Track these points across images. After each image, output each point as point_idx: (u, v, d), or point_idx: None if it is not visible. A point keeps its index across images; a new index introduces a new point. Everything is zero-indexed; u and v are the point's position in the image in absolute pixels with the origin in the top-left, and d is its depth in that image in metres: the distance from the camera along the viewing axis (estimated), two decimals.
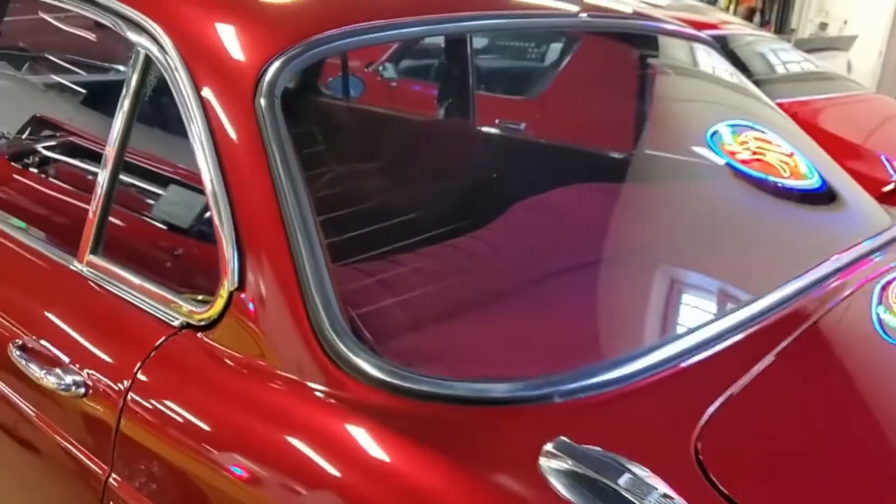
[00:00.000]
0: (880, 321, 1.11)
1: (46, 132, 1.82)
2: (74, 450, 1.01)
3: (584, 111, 2.64)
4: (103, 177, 1.12)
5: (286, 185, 0.95)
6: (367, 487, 0.80)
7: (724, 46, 4.15)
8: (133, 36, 1.11)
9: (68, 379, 1.02)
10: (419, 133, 2.04)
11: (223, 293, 0.96)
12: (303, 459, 0.84)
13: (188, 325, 1.00)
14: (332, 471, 0.82)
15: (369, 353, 0.88)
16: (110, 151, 1.12)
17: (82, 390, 1.01)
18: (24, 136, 1.81)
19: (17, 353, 1.08)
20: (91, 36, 1.98)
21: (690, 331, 0.99)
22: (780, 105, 3.63)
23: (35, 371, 1.04)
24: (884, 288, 1.18)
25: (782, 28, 8.16)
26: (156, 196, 1.29)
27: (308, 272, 0.91)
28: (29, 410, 1.08)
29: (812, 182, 1.52)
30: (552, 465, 0.76)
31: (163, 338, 1.00)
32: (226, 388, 0.94)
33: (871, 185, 2.56)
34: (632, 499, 0.72)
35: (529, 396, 0.87)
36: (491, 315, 1.07)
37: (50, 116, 1.89)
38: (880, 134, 3.30)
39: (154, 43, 1.08)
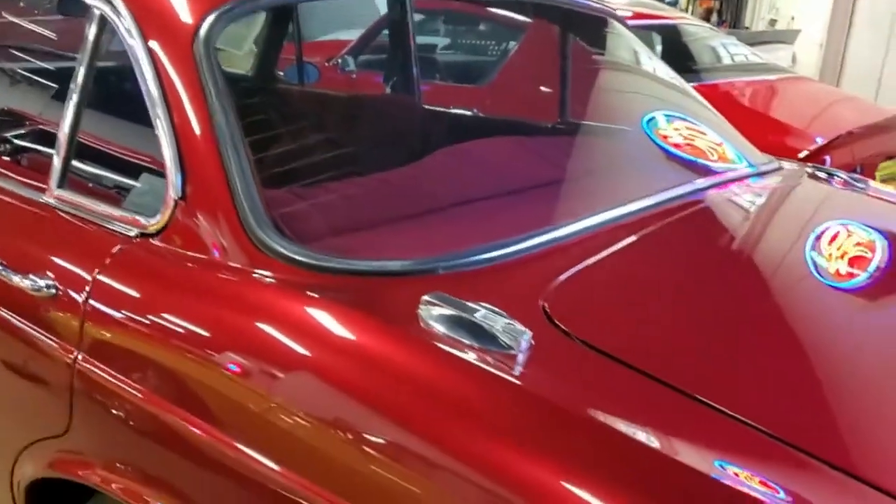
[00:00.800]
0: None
1: (16, 124, 1.96)
2: (46, 339, 1.20)
3: (529, 97, 2.90)
4: (67, 120, 1.32)
5: (219, 115, 1.16)
6: (294, 335, 1.00)
7: (676, 39, 4.46)
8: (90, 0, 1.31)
9: (41, 283, 1.21)
10: (360, 104, 2.26)
11: (169, 203, 1.17)
12: (236, 325, 1.04)
13: (142, 235, 1.20)
14: (267, 329, 1.01)
15: (289, 241, 1.09)
16: (73, 99, 1.32)
17: (53, 291, 1.20)
18: None
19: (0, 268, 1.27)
20: (53, 35, 2.12)
21: (554, 227, 1.21)
22: (716, 86, 3.89)
23: (14, 278, 1.24)
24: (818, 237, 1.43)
25: (736, 25, 8.49)
26: (113, 136, 1.48)
27: (237, 182, 1.12)
28: (6, 314, 1.27)
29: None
30: (428, 310, 0.97)
31: (119, 245, 1.20)
32: (172, 278, 1.14)
33: (790, 152, 2.81)
34: (484, 326, 0.93)
35: (419, 269, 1.08)
36: (399, 217, 1.29)
37: (19, 109, 2.04)
38: (801, 110, 3.57)
39: (108, 4, 1.28)
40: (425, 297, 0.98)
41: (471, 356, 0.92)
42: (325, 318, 1.00)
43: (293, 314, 1.02)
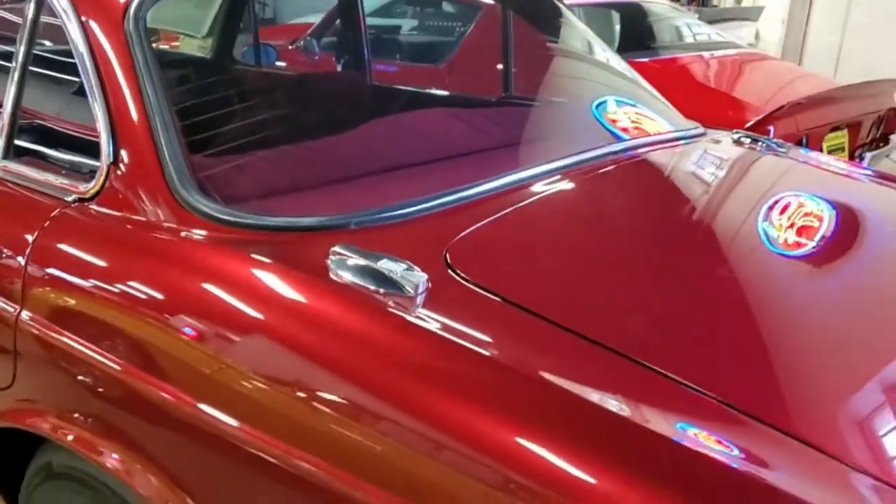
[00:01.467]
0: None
1: None
2: None
3: (481, 75, 2.99)
4: (10, 92, 1.39)
5: (148, 85, 1.24)
6: (216, 285, 1.08)
7: (637, 16, 4.56)
8: None
9: None
10: (301, 81, 2.35)
11: (103, 168, 1.25)
12: (164, 279, 1.12)
13: (80, 200, 1.28)
14: (191, 281, 1.10)
15: (213, 201, 1.17)
16: (14, 76, 1.39)
17: None
18: None
19: None
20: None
21: (466, 187, 1.30)
22: (672, 60, 3.99)
23: None
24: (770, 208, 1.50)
25: (705, 3, 8.60)
26: (53, 110, 1.56)
27: (164, 148, 1.20)
28: None
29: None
30: (336, 260, 1.06)
31: (58, 210, 1.28)
32: (106, 238, 1.22)
33: (736, 123, 2.91)
34: (385, 272, 1.02)
35: (332, 224, 1.17)
36: (323, 181, 1.38)
37: None
38: (749, 84, 3.68)
39: None
40: (334, 249, 1.06)
41: (373, 300, 1.01)
42: (243, 270, 1.09)
43: (216, 267, 1.11)
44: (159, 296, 1.11)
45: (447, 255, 1.10)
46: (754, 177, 1.77)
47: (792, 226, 1.42)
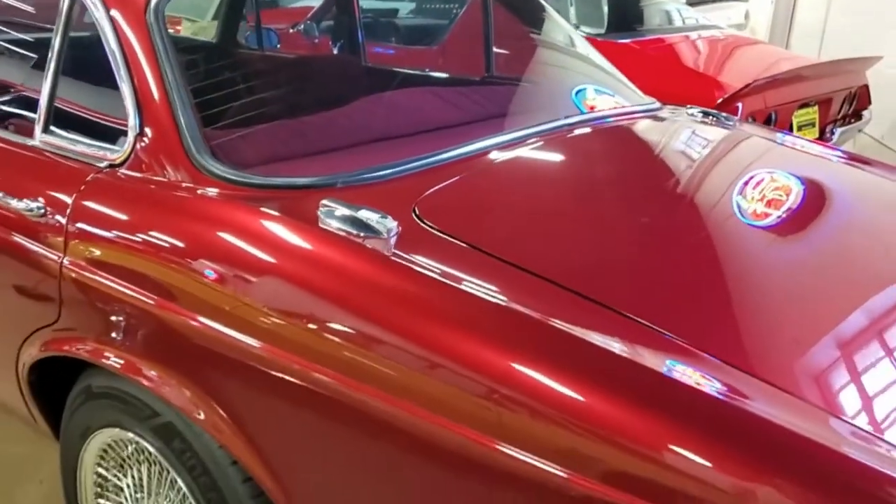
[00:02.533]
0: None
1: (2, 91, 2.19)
2: (39, 249, 1.53)
3: (470, 57, 3.23)
4: (48, 77, 1.63)
5: (167, 68, 1.48)
6: (227, 232, 1.31)
7: (637, 2, 4.79)
8: None
9: (33, 205, 1.54)
10: (301, 63, 2.59)
11: (130, 137, 1.49)
12: (185, 228, 1.36)
13: (110, 166, 1.52)
14: (207, 229, 1.34)
15: (223, 164, 1.41)
16: (52, 60, 1.64)
17: (42, 212, 1.53)
18: None
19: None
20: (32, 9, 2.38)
21: (438, 152, 1.54)
22: (650, 41, 4.20)
23: (11, 202, 1.57)
24: (745, 183, 1.65)
25: None
26: (85, 90, 1.80)
27: (181, 120, 1.44)
28: (6, 234, 1.60)
29: None
30: (324, 211, 1.29)
31: (92, 174, 1.52)
32: (134, 197, 1.46)
33: (705, 100, 3.13)
34: (363, 219, 1.26)
35: (322, 183, 1.41)
36: (317, 150, 1.62)
37: (2, 78, 2.26)
38: (722, 63, 3.89)
39: None
40: (322, 202, 1.30)
41: (354, 242, 1.25)
42: (250, 220, 1.33)
43: (227, 218, 1.35)
44: (180, 243, 1.35)
45: (416, 208, 1.34)
46: (710, 145, 1.99)
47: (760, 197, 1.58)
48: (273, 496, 1.24)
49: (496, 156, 1.63)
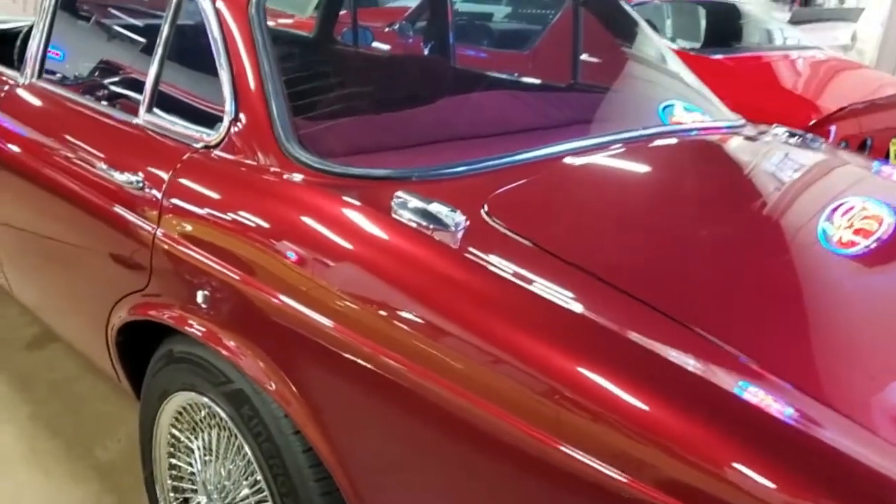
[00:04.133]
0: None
1: (112, 72, 2.33)
2: (134, 219, 1.65)
3: (559, 63, 3.27)
4: (155, 60, 1.76)
5: (264, 59, 1.58)
6: (307, 215, 1.40)
7: (729, 15, 4.72)
8: None
9: (133, 178, 1.66)
10: (391, 62, 2.68)
11: (225, 122, 1.59)
12: (269, 210, 1.45)
13: (206, 147, 1.63)
14: (289, 212, 1.42)
15: (309, 153, 1.50)
16: (160, 45, 1.76)
17: (140, 185, 1.65)
18: (93, 77, 2.34)
19: (104, 166, 1.73)
20: None
21: (515, 153, 1.59)
22: (750, 58, 4.13)
23: (114, 175, 1.70)
24: (834, 209, 1.57)
25: (808, 2, 8.51)
26: (187, 75, 1.92)
27: (273, 109, 1.54)
28: (107, 204, 1.73)
29: None
30: (397, 202, 1.36)
31: (188, 154, 1.63)
32: (225, 178, 1.57)
33: (798, 121, 3.08)
34: (433, 212, 1.32)
35: (398, 176, 1.48)
36: (399, 145, 1.69)
37: (115, 60, 2.41)
38: (819, 85, 3.80)
39: None
40: (397, 194, 1.37)
41: (422, 233, 1.31)
42: (330, 207, 1.41)
43: (310, 203, 1.43)
44: (265, 224, 1.44)
45: (486, 205, 1.40)
46: (799, 168, 1.92)
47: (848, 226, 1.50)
48: (329, 465, 1.31)
49: (573, 160, 1.67)
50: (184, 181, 1.60)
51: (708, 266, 1.36)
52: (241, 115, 1.58)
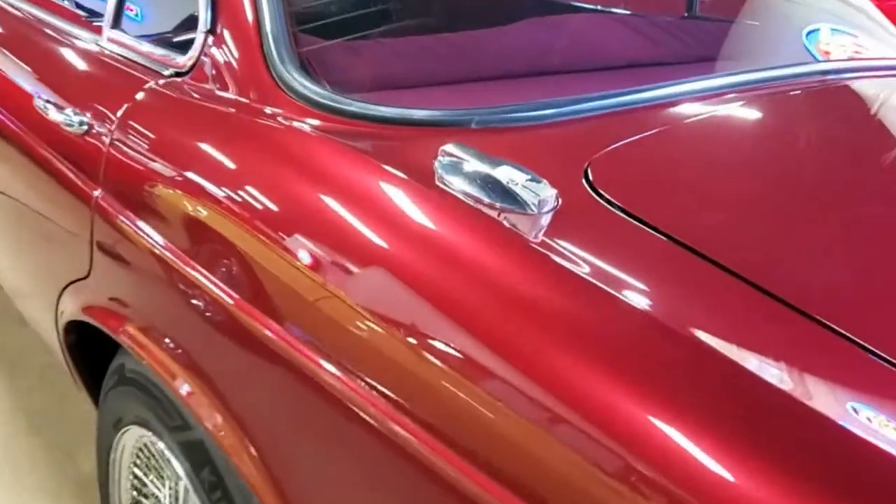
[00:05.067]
0: None
1: None
2: (73, 174, 1.16)
3: None
4: None
5: None
6: (302, 176, 0.89)
7: None
8: None
9: (75, 119, 1.17)
10: None
11: (199, 38, 1.08)
12: (248, 175, 0.94)
13: (177, 74, 1.12)
14: (275, 170, 0.92)
15: (313, 81, 0.97)
16: None
17: (85, 127, 1.16)
18: None
19: (41, 102, 1.24)
20: None
21: (625, 92, 1.03)
22: None
23: (51, 113, 1.20)
24: None
25: None
26: None
27: (265, 16, 1.01)
28: (41, 149, 1.24)
29: None
30: (444, 162, 0.83)
31: (151, 83, 1.13)
32: (188, 118, 1.06)
33: None
34: (503, 181, 0.79)
35: (449, 120, 0.94)
36: (452, 79, 1.14)
37: None
38: None
39: None
40: (444, 148, 0.84)
41: (482, 215, 0.78)
42: (335, 165, 0.89)
43: (305, 156, 0.92)
44: (234, 194, 0.93)
45: (589, 170, 0.85)
46: None
47: None
48: None
49: (706, 105, 1.10)
50: (135, 124, 1.09)
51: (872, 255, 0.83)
52: (220, 28, 1.06)
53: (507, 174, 0.80)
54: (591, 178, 0.84)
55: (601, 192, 0.82)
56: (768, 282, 0.71)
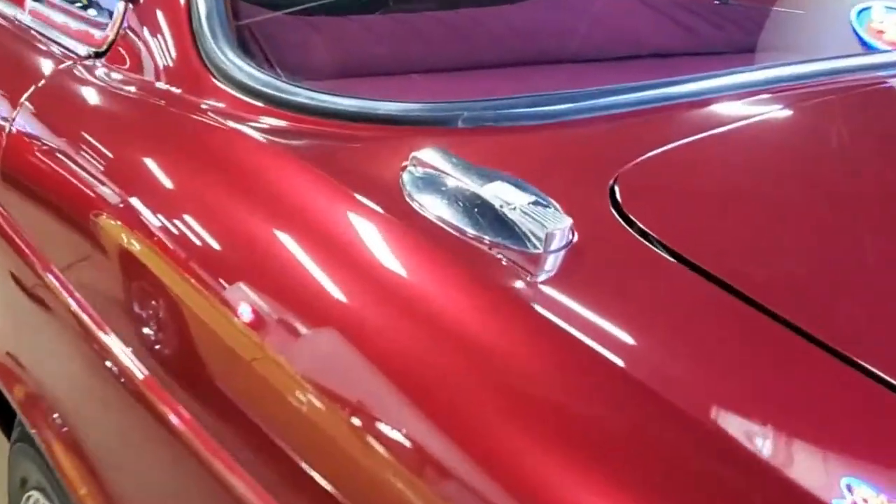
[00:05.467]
0: None
1: None
2: None
3: None
4: None
5: None
6: (232, 187, 0.67)
7: None
8: None
9: None
10: None
11: (116, 13, 0.85)
12: (173, 174, 0.72)
13: (96, 54, 0.90)
14: (209, 164, 0.70)
15: (255, 65, 0.74)
16: None
17: None
18: None
19: None
20: None
21: (652, 86, 0.79)
22: None
23: None
24: None
25: None
26: None
27: None
28: None
29: None
30: (416, 174, 0.60)
31: (61, 65, 0.91)
32: (97, 109, 0.83)
33: None
34: (496, 205, 0.56)
35: (430, 117, 0.71)
36: (437, 67, 0.91)
37: None
38: None
39: None
40: (415, 156, 0.61)
41: (467, 253, 0.55)
42: (275, 177, 0.66)
43: (239, 165, 0.69)
44: (146, 211, 0.70)
45: (616, 188, 0.62)
46: None
47: None
48: None
49: (752, 108, 0.86)
50: (36, 115, 0.87)
51: None
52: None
53: (500, 193, 0.57)
54: (619, 200, 0.61)
55: (634, 220, 0.59)
56: (868, 357, 0.48)
